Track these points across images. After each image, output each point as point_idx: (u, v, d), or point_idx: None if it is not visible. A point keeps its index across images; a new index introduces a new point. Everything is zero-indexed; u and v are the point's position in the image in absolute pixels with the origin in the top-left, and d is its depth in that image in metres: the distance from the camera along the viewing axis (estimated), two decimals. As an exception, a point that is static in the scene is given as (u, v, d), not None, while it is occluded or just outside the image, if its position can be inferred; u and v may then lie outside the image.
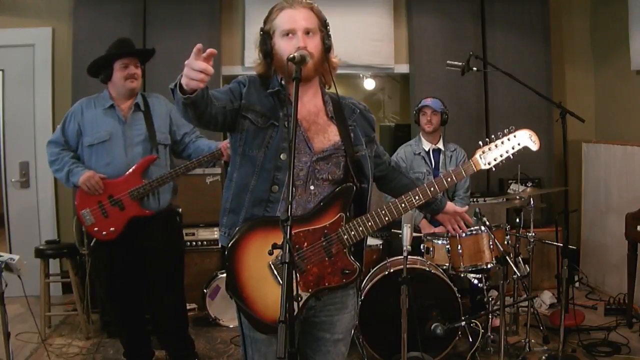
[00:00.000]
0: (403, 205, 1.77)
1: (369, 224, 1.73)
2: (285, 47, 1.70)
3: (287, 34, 1.71)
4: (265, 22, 1.77)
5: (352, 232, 1.72)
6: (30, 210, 4.62)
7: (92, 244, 3.03)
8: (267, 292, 1.68)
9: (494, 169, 1.85)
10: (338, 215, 1.73)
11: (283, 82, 1.77)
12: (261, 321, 1.68)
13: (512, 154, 1.85)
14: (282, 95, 1.76)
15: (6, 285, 2.53)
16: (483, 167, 1.83)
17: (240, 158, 1.75)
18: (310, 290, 1.70)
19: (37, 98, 4.59)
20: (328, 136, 1.79)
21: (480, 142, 1.83)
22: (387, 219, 1.75)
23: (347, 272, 1.73)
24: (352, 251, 1.75)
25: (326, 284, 1.72)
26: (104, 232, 2.95)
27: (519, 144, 1.85)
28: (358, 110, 1.89)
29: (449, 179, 1.80)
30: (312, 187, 1.74)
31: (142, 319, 3.20)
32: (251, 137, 1.73)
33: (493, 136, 1.85)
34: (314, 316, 1.79)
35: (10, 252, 3.58)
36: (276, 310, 1.61)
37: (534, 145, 1.86)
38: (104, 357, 3.44)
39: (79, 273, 3.85)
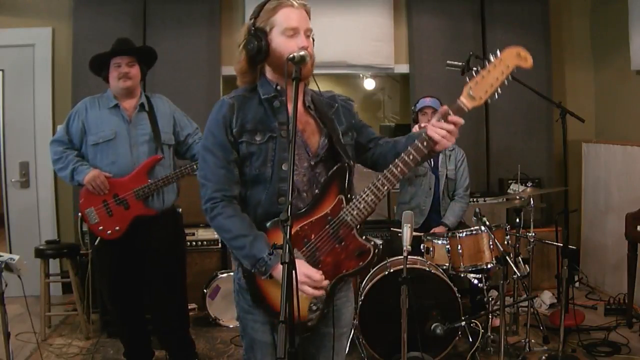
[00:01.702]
0: (399, 168, 1.63)
1: (369, 198, 1.64)
2: (286, 46, 1.65)
3: (290, 33, 1.66)
4: (256, 18, 1.70)
5: (355, 212, 1.66)
6: (30, 210, 4.62)
7: (96, 243, 3.02)
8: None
9: (489, 101, 1.65)
10: (337, 198, 1.68)
11: (279, 87, 1.72)
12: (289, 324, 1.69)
13: (505, 79, 1.64)
14: (279, 101, 1.71)
15: (6, 285, 2.53)
16: (476, 103, 1.65)
17: (249, 178, 1.72)
18: (330, 280, 1.67)
19: (37, 98, 4.59)
20: (319, 132, 1.76)
21: (467, 78, 1.64)
22: (385, 188, 1.64)
23: (362, 253, 1.68)
24: (360, 231, 1.70)
25: (344, 271, 1.69)
26: (108, 231, 2.95)
27: (508, 67, 1.64)
28: (336, 105, 1.84)
29: (449, 117, 1.65)
30: (317, 192, 1.72)
31: (142, 319, 3.20)
32: (255, 157, 1.69)
33: (479, 67, 1.64)
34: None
35: (10, 252, 3.57)
36: (300, 310, 1.57)
37: (525, 62, 1.65)
38: (104, 357, 3.44)
39: (79, 273, 3.85)
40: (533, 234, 3.49)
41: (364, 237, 1.69)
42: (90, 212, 2.96)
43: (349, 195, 1.69)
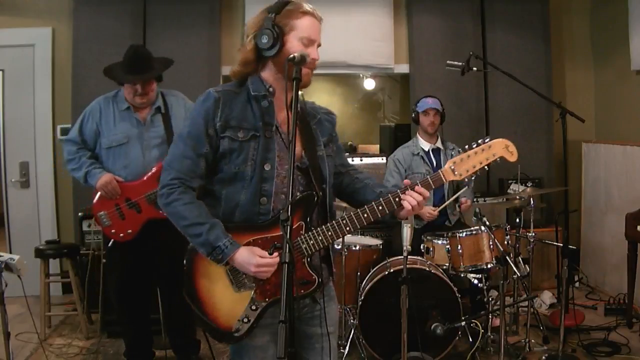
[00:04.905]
0: (365, 215, 1.68)
1: (329, 233, 1.67)
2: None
3: (306, 42, 1.67)
4: (277, 14, 1.67)
5: (311, 242, 1.67)
6: (30, 210, 4.62)
7: (109, 245, 3.07)
8: (222, 297, 1.68)
9: (466, 180, 1.77)
10: (298, 224, 1.68)
11: (271, 88, 1.71)
12: (214, 327, 1.69)
13: (487, 165, 1.75)
14: (268, 101, 1.71)
15: (6, 285, 2.53)
16: (455, 178, 1.73)
17: (226, 175, 1.70)
18: (267, 299, 1.67)
19: (37, 98, 4.59)
20: (301, 141, 1.74)
21: (459, 150, 1.73)
22: (348, 229, 1.68)
23: (305, 282, 1.68)
24: (311, 262, 1.70)
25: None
26: (121, 234, 2.98)
27: (494, 155, 1.73)
28: (319, 116, 1.85)
29: (417, 187, 1.70)
30: (297, 194, 1.70)
31: (148, 319, 3.23)
32: (236, 154, 1.68)
33: (467, 146, 1.75)
34: (306, 313, 1.78)
35: (10, 252, 3.57)
36: (230, 317, 1.64)
37: (511, 156, 1.74)
38: (104, 357, 3.44)
39: (79, 273, 3.85)
40: (533, 234, 3.49)
41: (311, 269, 1.69)
42: (103, 216, 2.99)
43: (309, 224, 1.69)
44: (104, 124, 2.99)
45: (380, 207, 1.69)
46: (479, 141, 1.73)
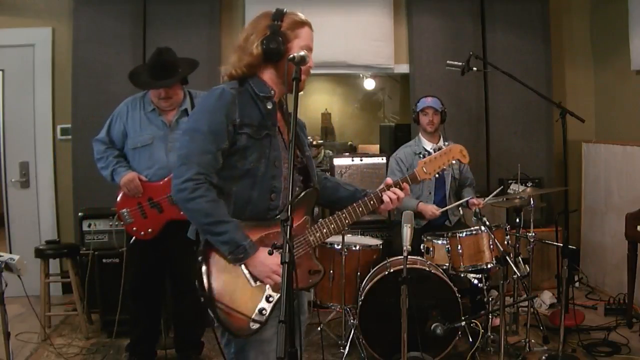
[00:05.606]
0: (360, 209, 1.88)
1: (332, 226, 1.84)
2: None
3: (306, 50, 1.75)
4: (282, 21, 1.75)
5: (317, 234, 1.81)
6: (30, 210, 4.62)
7: (130, 242, 3.13)
8: (239, 291, 1.71)
9: (432, 178, 2.05)
10: (303, 218, 1.81)
11: (273, 91, 1.79)
12: (231, 322, 1.69)
13: (448, 165, 2.08)
14: (272, 103, 1.79)
15: (6, 285, 2.53)
16: (426, 177, 2.02)
17: (239, 172, 1.75)
18: (279, 291, 1.70)
19: (37, 98, 4.59)
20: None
21: (430, 151, 1.93)
22: (347, 221, 1.86)
23: (313, 272, 1.82)
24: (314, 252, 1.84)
25: (294, 285, 1.72)
26: (142, 232, 3.03)
27: (453, 157, 2.07)
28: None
29: (403, 184, 1.96)
30: (297, 189, 1.82)
31: (159, 317, 3.28)
32: (250, 151, 1.74)
33: (432, 150, 1.91)
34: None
35: (10, 252, 3.57)
36: (247, 310, 1.68)
37: (464, 159, 2.10)
38: (104, 357, 3.44)
39: (79, 273, 3.85)
40: (533, 234, 3.49)
41: (316, 259, 1.85)
42: (125, 213, 3.04)
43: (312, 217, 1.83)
44: (131, 126, 3.05)
45: (372, 202, 1.89)
46: (442, 145, 2.00)
